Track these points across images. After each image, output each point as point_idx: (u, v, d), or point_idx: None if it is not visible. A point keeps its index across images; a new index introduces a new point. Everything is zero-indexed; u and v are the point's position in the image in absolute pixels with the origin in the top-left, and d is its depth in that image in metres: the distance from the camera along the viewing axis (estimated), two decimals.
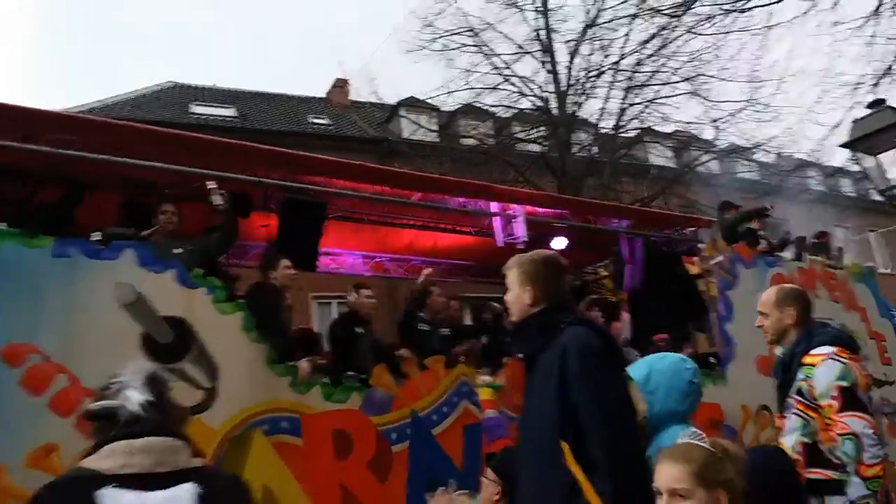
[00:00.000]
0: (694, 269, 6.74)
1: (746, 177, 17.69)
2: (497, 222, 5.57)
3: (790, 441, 2.87)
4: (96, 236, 4.03)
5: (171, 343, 4.05)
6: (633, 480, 1.95)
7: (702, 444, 1.77)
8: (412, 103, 18.39)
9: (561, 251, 6.26)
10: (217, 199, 4.53)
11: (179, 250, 4.30)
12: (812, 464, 2.77)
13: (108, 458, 1.52)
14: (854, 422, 2.65)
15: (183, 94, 18.70)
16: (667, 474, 1.76)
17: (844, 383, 2.73)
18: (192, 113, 17.13)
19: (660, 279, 6.37)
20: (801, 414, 2.85)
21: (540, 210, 5.78)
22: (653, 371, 2.55)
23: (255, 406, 4.21)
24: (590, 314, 6.54)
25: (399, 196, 5.32)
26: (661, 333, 6.38)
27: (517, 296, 2.39)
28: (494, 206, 5.65)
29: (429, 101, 16.60)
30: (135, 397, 1.62)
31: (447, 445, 4.74)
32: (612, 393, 2.14)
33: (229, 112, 17.81)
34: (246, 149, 4.84)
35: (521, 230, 5.48)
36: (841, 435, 2.67)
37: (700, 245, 6.76)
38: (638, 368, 2.59)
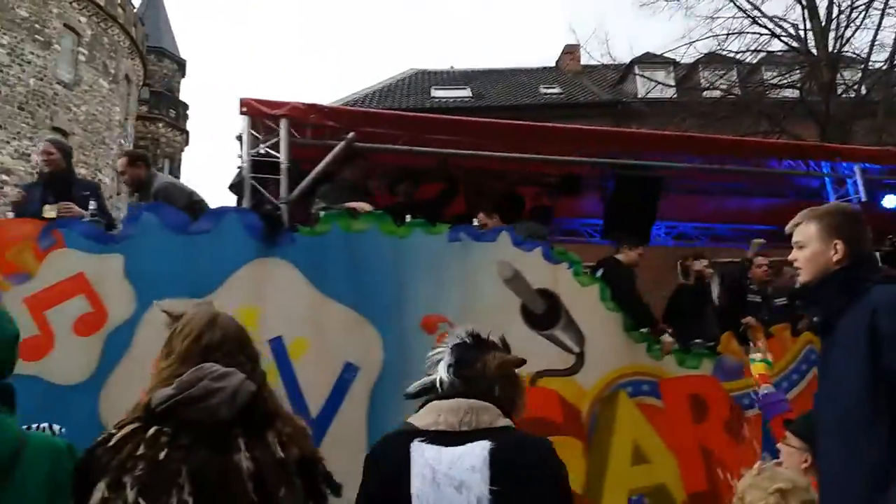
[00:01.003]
0: None
1: None
2: (828, 183, 5.32)
3: None
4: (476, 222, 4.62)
5: (543, 312, 4.57)
6: None
7: None
8: (647, 60, 17.61)
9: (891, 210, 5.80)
10: None
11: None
12: None
13: (425, 416, 1.69)
14: None
15: (424, 80, 19.83)
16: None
17: None
18: (433, 97, 17.95)
19: None
20: None
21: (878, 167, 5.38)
22: None
23: (619, 370, 4.58)
24: None
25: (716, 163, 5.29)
26: None
27: (818, 252, 2.15)
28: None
29: (666, 55, 15.81)
30: (442, 368, 1.76)
31: (799, 412, 4.71)
32: None
33: (465, 93, 18.47)
34: (581, 132, 5.18)
35: (857, 189, 5.17)
36: None
37: None
38: None
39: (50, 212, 3.92)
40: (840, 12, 12.83)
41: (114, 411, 3.62)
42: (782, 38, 13.53)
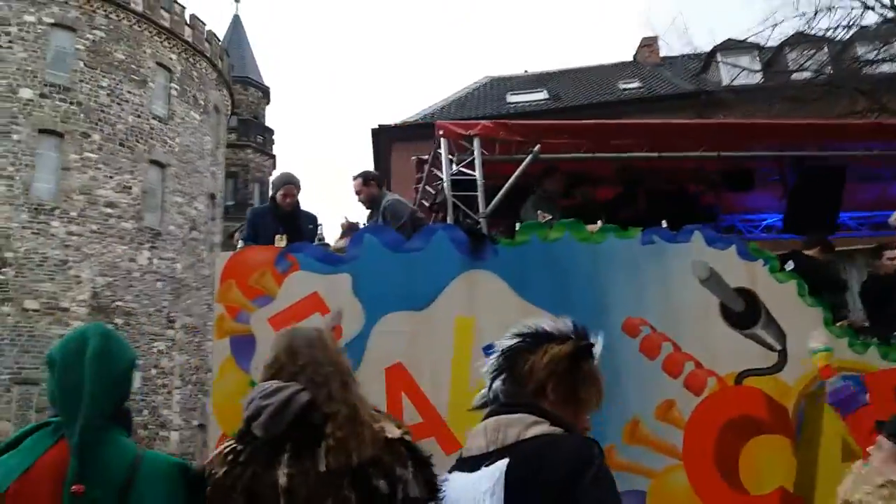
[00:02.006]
0: None
1: None
2: None
3: None
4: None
5: (743, 311, 4.58)
6: None
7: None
8: (730, 46, 17.12)
9: None
10: None
11: None
12: None
13: (469, 440, 1.59)
14: None
15: (499, 86, 19.72)
16: None
17: None
18: (509, 103, 17.78)
19: None
20: None
21: None
22: None
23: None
24: None
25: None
26: None
27: None
28: None
29: (749, 39, 15.33)
30: (490, 382, 1.65)
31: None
32: None
33: (541, 95, 18.17)
34: (760, 126, 5.20)
35: None
36: None
37: None
38: None
39: (281, 241, 4.22)
40: None
41: None
42: (876, 10, 12.73)
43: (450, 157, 4.65)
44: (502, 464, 1.43)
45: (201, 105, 25.89)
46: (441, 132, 4.64)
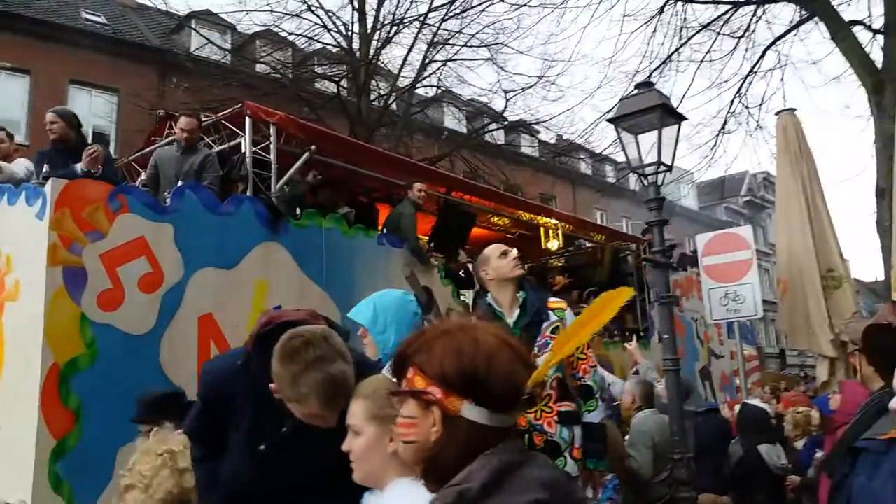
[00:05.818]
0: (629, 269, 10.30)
1: (527, 151, 18.94)
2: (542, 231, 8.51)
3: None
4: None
5: (426, 302, 6.42)
6: None
7: (388, 378, 1.53)
8: (205, 17, 16.43)
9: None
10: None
11: None
12: (562, 398, 3.02)
13: None
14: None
15: None
16: (349, 410, 1.63)
17: None
18: None
19: (615, 276, 9.80)
20: None
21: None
22: (377, 309, 2.48)
23: None
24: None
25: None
26: None
27: None
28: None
29: (224, 16, 15.38)
30: None
31: None
32: None
33: None
34: (424, 169, 7.24)
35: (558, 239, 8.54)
36: (591, 367, 3.14)
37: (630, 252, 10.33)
38: (362, 311, 2.48)
39: None
40: (383, 24, 13.63)
41: (171, 361, 4.21)
42: (333, 32, 13.67)
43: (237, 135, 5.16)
44: None
45: None
46: (249, 112, 5.16)
